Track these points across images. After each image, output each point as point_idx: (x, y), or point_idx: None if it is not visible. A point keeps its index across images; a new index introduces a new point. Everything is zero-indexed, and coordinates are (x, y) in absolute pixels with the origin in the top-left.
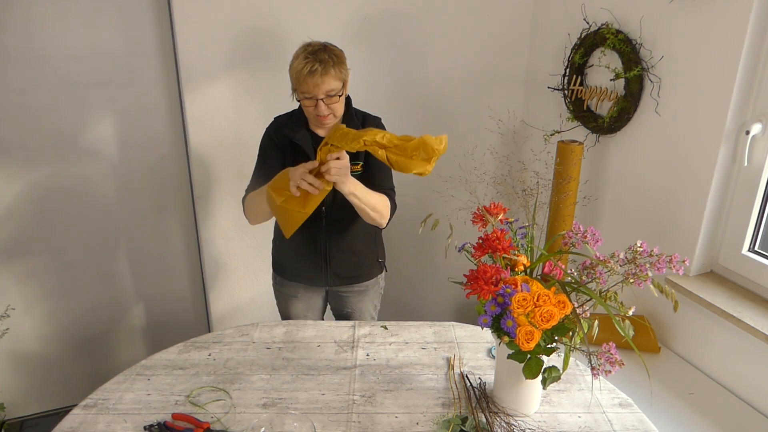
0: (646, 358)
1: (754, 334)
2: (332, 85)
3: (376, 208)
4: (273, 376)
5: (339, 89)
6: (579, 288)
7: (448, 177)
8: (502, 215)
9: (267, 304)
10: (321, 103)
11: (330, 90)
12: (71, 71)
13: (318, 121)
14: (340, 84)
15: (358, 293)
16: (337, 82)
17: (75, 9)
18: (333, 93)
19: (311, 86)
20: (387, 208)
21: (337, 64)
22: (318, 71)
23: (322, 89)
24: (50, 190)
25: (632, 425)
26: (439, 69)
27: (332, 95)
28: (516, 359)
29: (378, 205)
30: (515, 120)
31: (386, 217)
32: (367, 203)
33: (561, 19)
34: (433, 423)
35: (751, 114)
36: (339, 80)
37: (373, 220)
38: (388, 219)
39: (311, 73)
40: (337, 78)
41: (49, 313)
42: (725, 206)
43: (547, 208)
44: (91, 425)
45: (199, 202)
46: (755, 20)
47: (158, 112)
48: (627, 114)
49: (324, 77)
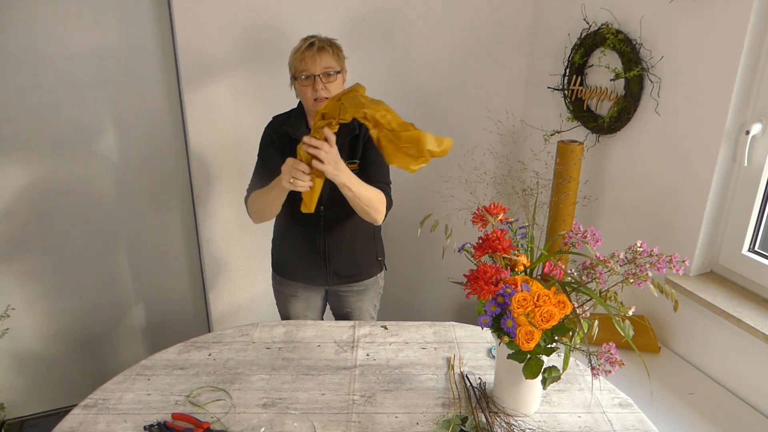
0: (646, 358)
1: (754, 334)
2: (330, 63)
3: (371, 202)
4: (273, 376)
5: (336, 68)
6: (579, 288)
7: (448, 177)
8: (502, 215)
9: (267, 304)
10: (318, 81)
11: (328, 67)
12: (71, 71)
13: (316, 107)
14: (338, 66)
15: (358, 293)
16: (334, 62)
17: (75, 9)
18: (331, 71)
19: (309, 62)
20: (382, 203)
21: (335, 48)
22: (315, 45)
23: (320, 65)
24: (50, 189)
25: (632, 425)
26: (439, 68)
27: (330, 73)
28: (516, 359)
29: (372, 199)
30: (515, 120)
31: (382, 213)
32: (361, 196)
33: (561, 19)
34: (433, 423)
35: (751, 114)
36: (337, 62)
37: (368, 215)
38: (384, 215)
39: (309, 47)
40: (335, 59)
41: (49, 313)
42: (725, 206)
43: (547, 208)
44: (91, 425)
45: (199, 201)
46: (755, 20)
47: (158, 112)
48: (627, 114)
49: (321, 52)
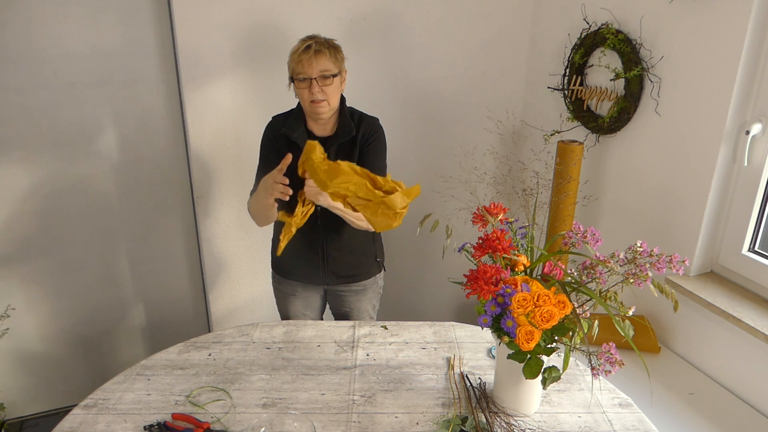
0: (646, 358)
1: (753, 334)
2: (327, 65)
3: (361, 218)
4: (273, 376)
5: (333, 71)
6: (579, 288)
7: (448, 177)
8: (502, 215)
9: (267, 304)
10: (315, 84)
11: (325, 70)
12: (71, 71)
13: (313, 109)
14: (335, 69)
15: (356, 292)
16: (331, 64)
17: (75, 9)
18: (328, 74)
19: (305, 64)
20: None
21: (333, 49)
22: (313, 47)
23: (317, 68)
24: (50, 190)
25: (632, 425)
26: (439, 69)
27: (327, 76)
28: (516, 359)
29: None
30: (515, 120)
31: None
32: (350, 214)
33: (561, 19)
34: (433, 423)
35: (751, 114)
36: (334, 64)
37: (361, 227)
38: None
39: (306, 50)
40: (332, 61)
41: (48, 313)
42: (725, 206)
43: (547, 208)
44: (91, 425)
45: (199, 201)
46: (755, 20)
47: (158, 112)
48: (627, 114)
49: (318, 55)
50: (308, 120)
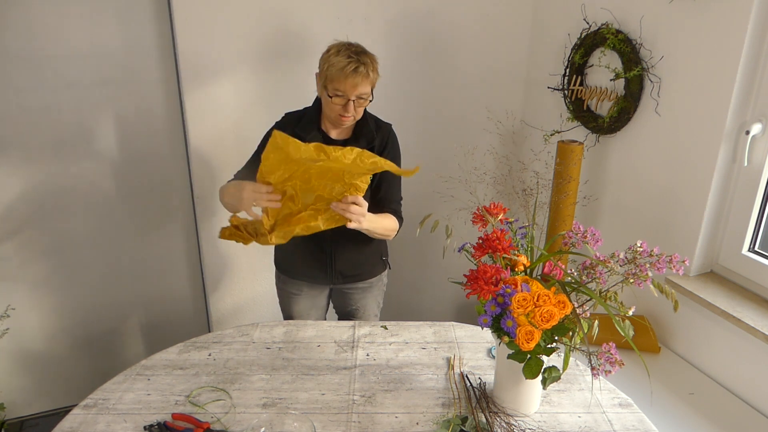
0: (646, 358)
1: (753, 334)
2: (366, 89)
3: (385, 231)
4: (273, 376)
5: (369, 94)
6: (579, 288)
7: (448, 177)
8: (502, 215)
9: (267, 304)
10: (351, 105)
11: (363, 93)
12: (71, 71)
13: (339, 120)
14: (370, 90)
15: (363, 290)
16: (369, 87)
17: (75, 9)
18: (364, 96)
19: (349, 86)
20: (394, 230)
21: (375, 69)
22: (361, 73)
23: (358, 90)
24: (50, 190)
25: (632, 425)
26: (439, 68)
27: (363, 98)
28: (516, 359)
29: (386, 228)
30: (515, 120)
31: (393, 234)
32: (375, 230)
33: (561, 19)
34: (433, 423)
35: (751, 114)
36: (371, 85)
37: (380, 237)
38: (396, 232)
39: (354, 73)
40: (371, 83)
41: (48, 313)
42: (725, 206)
43: (547, 208)
44: (91, 425)
45: (199, 202)
46: (755, 20)
47: (158, 112)
48: (627, 114)
49: (364, 79)
50: (324, 122)
